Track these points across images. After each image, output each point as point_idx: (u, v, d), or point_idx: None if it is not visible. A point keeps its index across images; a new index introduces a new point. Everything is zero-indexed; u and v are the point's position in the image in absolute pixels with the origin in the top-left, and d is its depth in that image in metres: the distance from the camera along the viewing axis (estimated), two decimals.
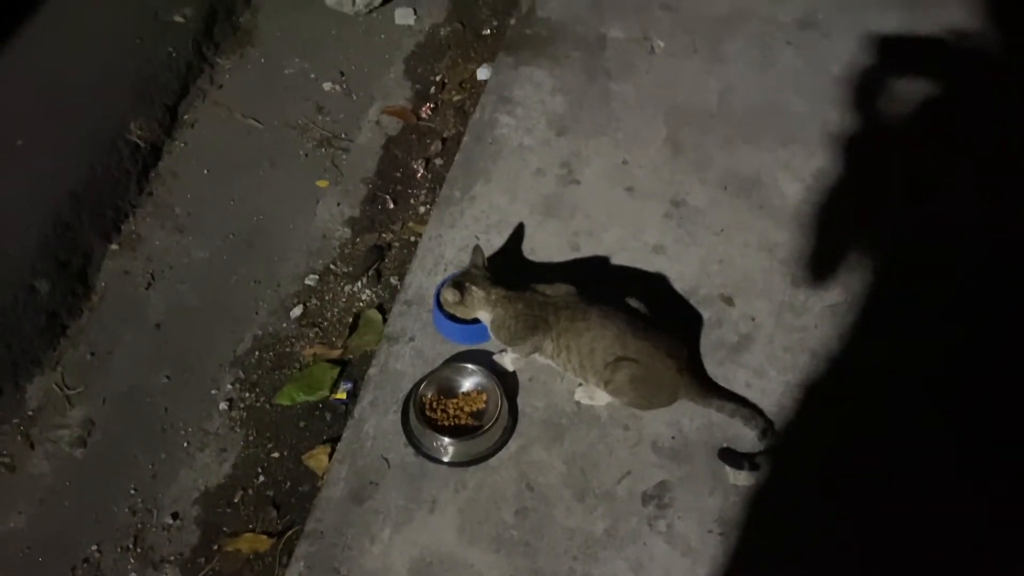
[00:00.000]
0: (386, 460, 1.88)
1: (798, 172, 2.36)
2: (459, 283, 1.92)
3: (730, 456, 1.85)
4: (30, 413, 2.09)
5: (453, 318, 1.99)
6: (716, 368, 2.00)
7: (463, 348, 2.03)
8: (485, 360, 1.99)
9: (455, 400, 1.94)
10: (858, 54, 2.64)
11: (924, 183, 2.34)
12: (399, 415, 1.93)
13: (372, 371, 2.02)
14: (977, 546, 1.78)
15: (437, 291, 2.03)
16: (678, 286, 2.14)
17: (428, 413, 1.90)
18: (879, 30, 2.70)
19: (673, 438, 1.90)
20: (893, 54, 2.64)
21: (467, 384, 1.96)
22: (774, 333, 2.05)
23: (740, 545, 1.76)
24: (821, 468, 1.86)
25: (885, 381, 1.98)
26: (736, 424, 1.89)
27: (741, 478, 1.83)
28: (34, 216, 2.30)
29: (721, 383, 1.97)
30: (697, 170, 2.37)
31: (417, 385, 1.94)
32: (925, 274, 2.16)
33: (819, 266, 2.17)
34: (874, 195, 2.32)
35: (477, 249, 2.00)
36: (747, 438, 1.88)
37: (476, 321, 1.97)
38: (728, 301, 2.11)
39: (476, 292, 1.91)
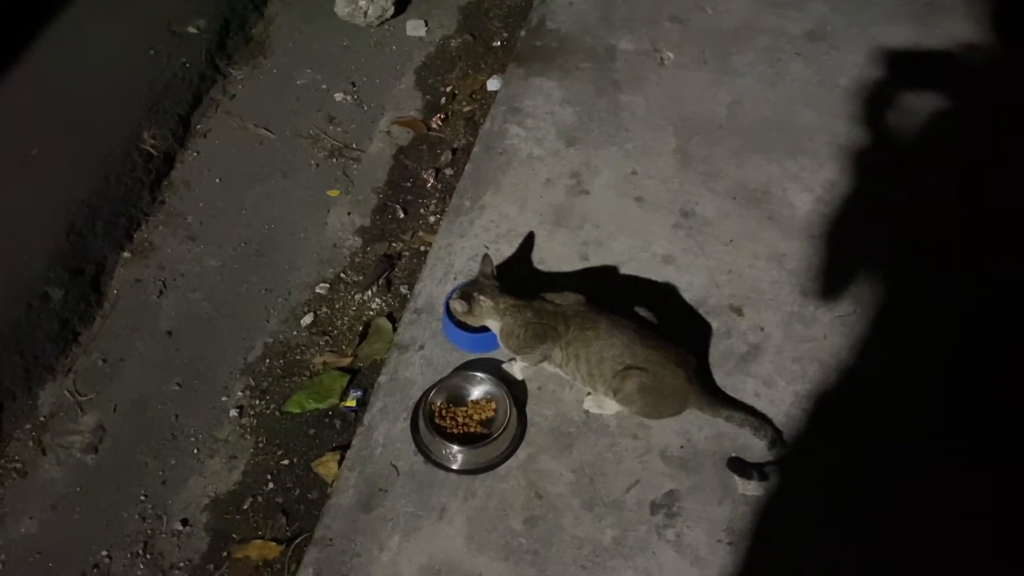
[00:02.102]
0: (395, 468, 1.88)
1: (807, 183, 2.37)
2: (468, 293, 1.93)
3: (739, 466, 1.85)
4: (42, 419, 2.10)
5: (462, 326, 2.00)
6: (725, 378, 2.00)
7: (472, 356, 2.04)
8: (494, 368, 1.99)
9: (464, 408, 1.94)
10: (867, 66, 2.65)
11: (932, 195, 2.34)
12: (408, 423, 1.93)
13: (382, 379, 2.03)
14: (984, 557, 1.77)
15: (447, 300, 2.04)
16: (687, 296, 2.14)
17: (437, 421, 1.91)
18: (888, 43, 2.71)
19: (682, 447, 1.90)
20: (902, 66, 2.65)
21: (476, 392, 1.97)
22: (783, 344, 2.05)
23: (749, 555, 1.75)
24: (830, 478, 1.85)
25: (894, 392, 1.98)
26: (745, 434, 1.88)
27: (750, 488, 1.82)
28: (48, 224, 2.33)
29: (730, 393, 1.97)
30: (706, 181, 2.38)
31: (426, 393, 1.94)
32: (933, 285, 2.16)
33: (828, 277, 2.17)
34: (883, 206, 2.32)
35: (486, 258, 2.00)
36: (756, 448, 1.88)
37: (485, 329, 1.98)
38: (737, 311, 2.11)
39: (485, 301, 1.92)
